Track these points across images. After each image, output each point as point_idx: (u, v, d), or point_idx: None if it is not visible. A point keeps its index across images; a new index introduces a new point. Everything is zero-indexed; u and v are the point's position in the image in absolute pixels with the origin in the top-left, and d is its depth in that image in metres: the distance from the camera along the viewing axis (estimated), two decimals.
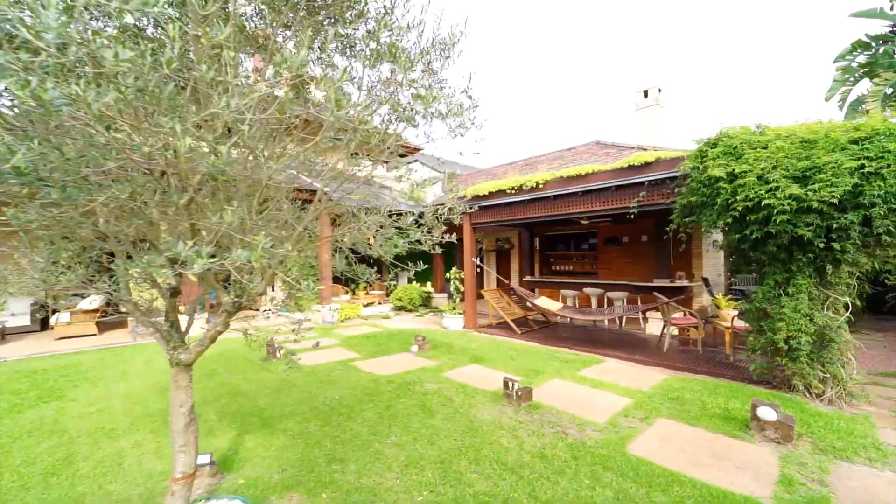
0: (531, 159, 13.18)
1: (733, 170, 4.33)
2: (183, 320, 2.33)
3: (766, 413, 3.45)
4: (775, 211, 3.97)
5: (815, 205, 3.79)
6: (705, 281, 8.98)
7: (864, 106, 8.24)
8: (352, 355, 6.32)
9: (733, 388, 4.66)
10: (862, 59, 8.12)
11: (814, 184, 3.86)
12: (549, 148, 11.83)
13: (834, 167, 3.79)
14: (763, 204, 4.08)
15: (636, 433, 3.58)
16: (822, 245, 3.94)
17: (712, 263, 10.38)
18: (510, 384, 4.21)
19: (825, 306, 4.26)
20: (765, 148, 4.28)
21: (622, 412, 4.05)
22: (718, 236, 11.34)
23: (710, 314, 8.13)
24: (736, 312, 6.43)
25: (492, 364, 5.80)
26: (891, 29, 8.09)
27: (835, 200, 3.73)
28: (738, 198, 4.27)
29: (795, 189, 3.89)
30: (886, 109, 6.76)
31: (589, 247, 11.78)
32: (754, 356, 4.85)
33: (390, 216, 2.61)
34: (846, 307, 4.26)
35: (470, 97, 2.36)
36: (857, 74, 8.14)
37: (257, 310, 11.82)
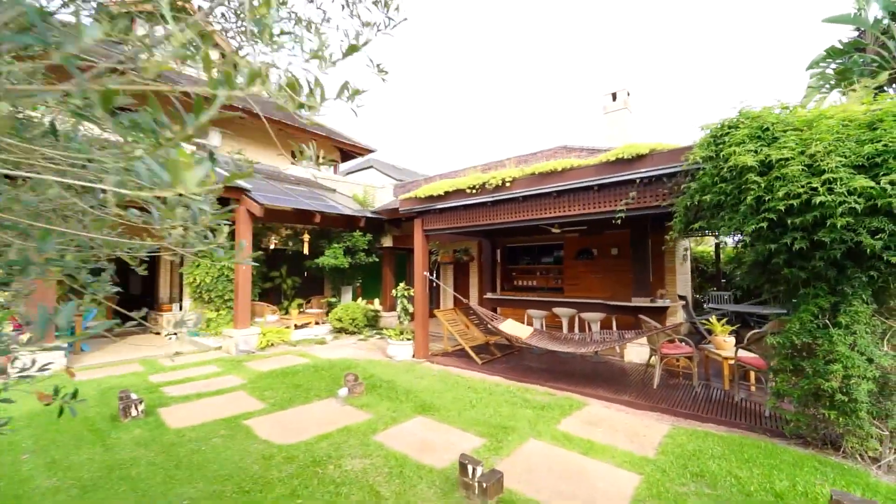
0: (491, 164, 12.05)
1: (768, 157, 3.23)
2: None
3: None
4: (837, 212, 2.87)
5: (895, 203, 2.72)
6: (684, 300, 8.10)
7: None
8: (252, 406, 4.56)
9: (763, 450, 3.48)
10: (835, 65, 7.75)
11: (887, 174, 2.81)
12: (511, 153, 10.79)
13: None
14: (814, 202, 2.98)
15: None
16: (893, 259, 2.88)
17: (682, 280, 9.65)
18: (471, 469, 2.73)
19: (885, 341, 3.21)
20: (808, 128, 3.22)
21: None
22: (693, 249, 10.73)
23: (682, 334, 7.19)
24: (732, 339, 5.45)
25: (444, 415, 4.30)
26: (859, 34, 7.78)
27: None
28: (776, 194, 3.16)
29: (863, 181, 2.81)
30: None
31: (554, 260, 10.73)
32: (782, 403, 3.75)
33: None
34: None
35: None
36: (831, 81, 7.75)
37: (158, 333, 9.55)
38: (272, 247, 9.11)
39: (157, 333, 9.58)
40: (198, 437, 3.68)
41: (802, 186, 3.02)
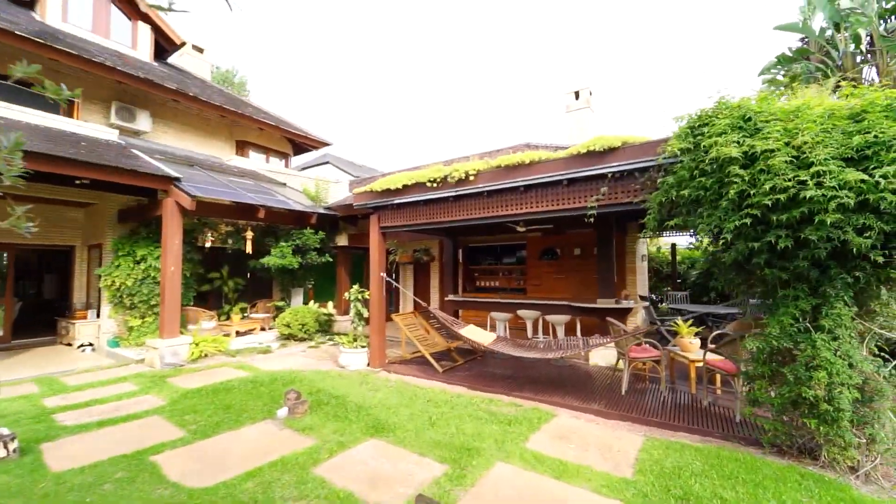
0: (454, 159, 11.63)
1: (752, 148, 2.99)
2: None
3: None
4: (831, 207, 2.65)
5: (889, 198, 2.53)
6: (647, 301, 8.07)
7: None
8: (167, 435, 3.78)
9: (743, 463, 3.25)
10: (785, 72, 8.04)
11: (878, 167, 2.62)
12: (474, 150, 10.38)
13: None
14: (802, 197, 2.76)
15: None
16: (880, 259, 2.71)
17: (641, 280, 9.70)
18: None
19: (864, 345, 3.07)
20: (793, 119, 3.01)
21: None
22: (645, 248, 10.87)
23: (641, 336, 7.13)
24: (698, 341, 5.34)
25: (400, 437, 3.77)
26: (804, 43, 8.10)
27: None
28: (760, 188, 2.92)
29: (856, 175, 2.61)
30: None
31: (517, 260, 10.48)
32: (759, 410, 3.57)
33: None
34: None
35: None
36: (781, 88, 8.03)
37: (69, 344, 8.23)
38: (208, 245, 8.10)
39: (69, 345, 8.26)
40: (84, 482, 2.90)
41: (789, 180, 2.80)
